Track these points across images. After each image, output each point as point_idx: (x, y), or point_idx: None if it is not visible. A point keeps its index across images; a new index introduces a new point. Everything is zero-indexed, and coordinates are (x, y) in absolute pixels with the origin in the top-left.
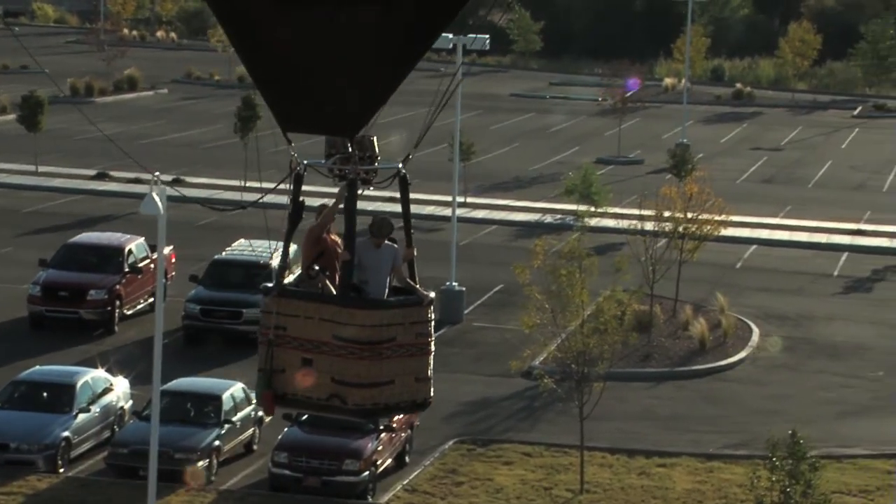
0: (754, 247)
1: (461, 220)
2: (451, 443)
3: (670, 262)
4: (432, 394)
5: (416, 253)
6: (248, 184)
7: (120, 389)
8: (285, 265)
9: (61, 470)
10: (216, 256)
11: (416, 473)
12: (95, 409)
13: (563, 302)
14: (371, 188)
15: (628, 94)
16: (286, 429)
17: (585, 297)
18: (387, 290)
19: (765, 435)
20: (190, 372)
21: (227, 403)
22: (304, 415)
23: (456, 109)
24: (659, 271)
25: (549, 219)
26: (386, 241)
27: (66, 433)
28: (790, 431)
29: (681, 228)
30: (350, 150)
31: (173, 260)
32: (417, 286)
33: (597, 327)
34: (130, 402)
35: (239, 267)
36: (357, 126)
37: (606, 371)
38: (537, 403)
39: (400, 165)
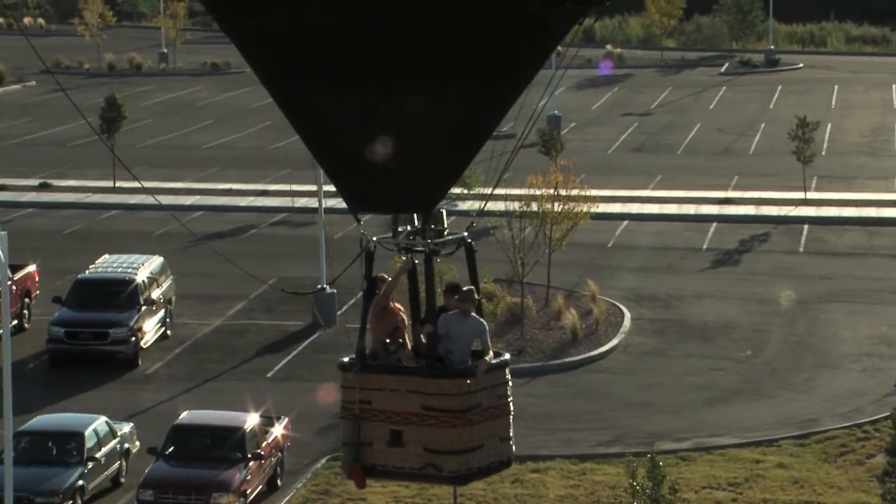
0: (626, 223)
1: (335, 211)
2: (324, 461)
3: (540, 249)
4: (514, 451)
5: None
6: (117, 184)
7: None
8: (363, 342)
9: None
10: (79, 276)
11: (287, 498)
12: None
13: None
14: (438, 259)
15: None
16: (151, 464)
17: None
18: (470, 360)
19: (636, 429)
20: (58, 398)
21: (89, 440)
22: (168, 447)
23: None
24: (528, 263)
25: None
26: (473, 314)
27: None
28: (649, 455)
29: (549, 211)
30: (422, 224)
31: (37, 278)
32: (491, 349)
33: None
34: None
35: (103, 285)
36: (432, 203)
37: None
38: None
39: (465, 234)
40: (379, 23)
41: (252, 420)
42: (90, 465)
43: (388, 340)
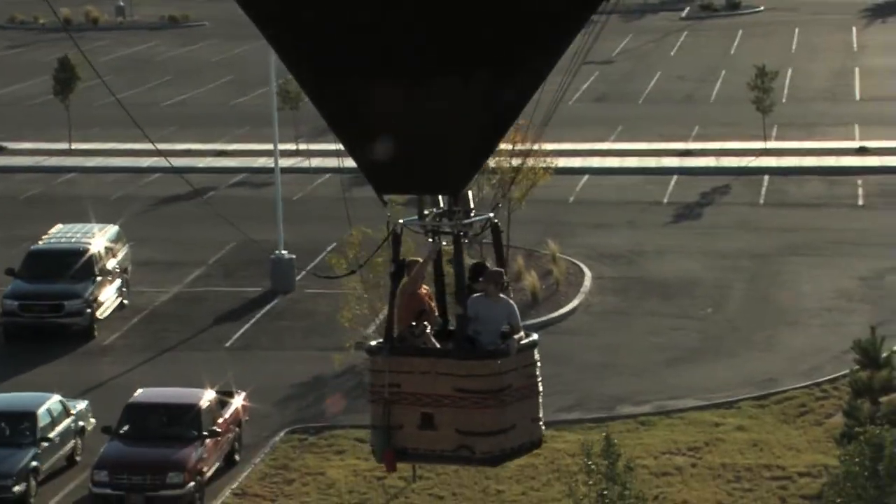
0: (586, 177)
1: (294, 170)
2: (282, 434)
3: (499, 208)
4: (544, 431)
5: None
6: (73, 146)
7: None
8: (392, 324)
9: None
10: (32, 247)
11: (245, 474)
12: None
13: (382, 292)
14: (466, 240)
15: None
16: (106, 444)
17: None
18: (499, 341)
19: (597, 392)
20: (13, 373)
21: (42, 419)
22: (123, 426)
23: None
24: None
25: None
26: (501, 295)
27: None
28: (604, 434)
29: (506, 170)
30: (450, 206)
31: None
32: (521, 329)
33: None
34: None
35: (57, 256)
36: (461, 185)
37: None
38: None
39: (492, 215)
40: (407, 10)
41: (208, 396)
42: (44, 445)
43: (414, 323)
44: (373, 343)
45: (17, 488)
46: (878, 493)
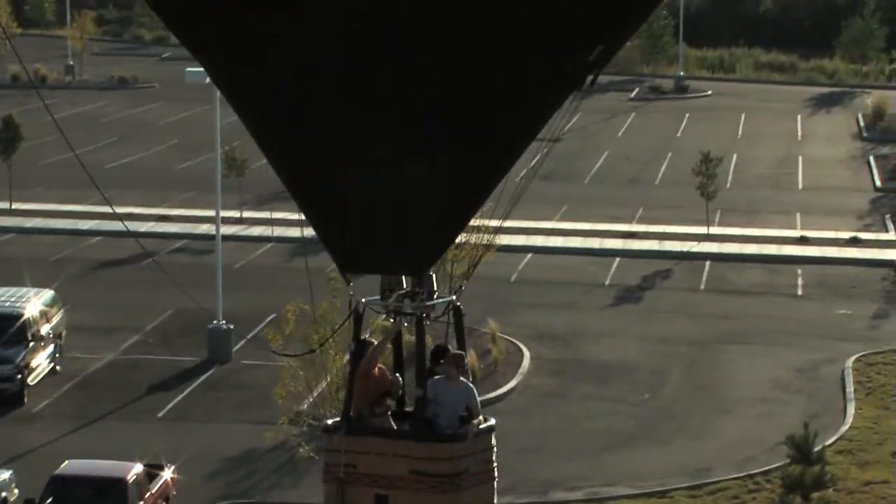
0: (530, 255)
1: (237, 238)
2: None
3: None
4: None
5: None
6: (14, 206)
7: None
8: (349, 405)
9: None
10: None
11: None
12: None
13: (317, 369)
14: (427, 322)
15: None
16: None
17: (339, 360)
18: (457, 424)
19: (530, 476)
20: None
21: None
22: (46, 500)
23: (214, 104)
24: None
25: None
26: (462, 378)
27: None
28: None
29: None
30: (413, 287)
31: None
32: (480, 414)
33: None
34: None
35: None
36: (426, 267)
37: None
38: (305, 451)
39: (454, 297)
40: (374, 91)
41: (135, 470)
42: None
43: (375, 404)
44: (329, 422)
45: None
46: None
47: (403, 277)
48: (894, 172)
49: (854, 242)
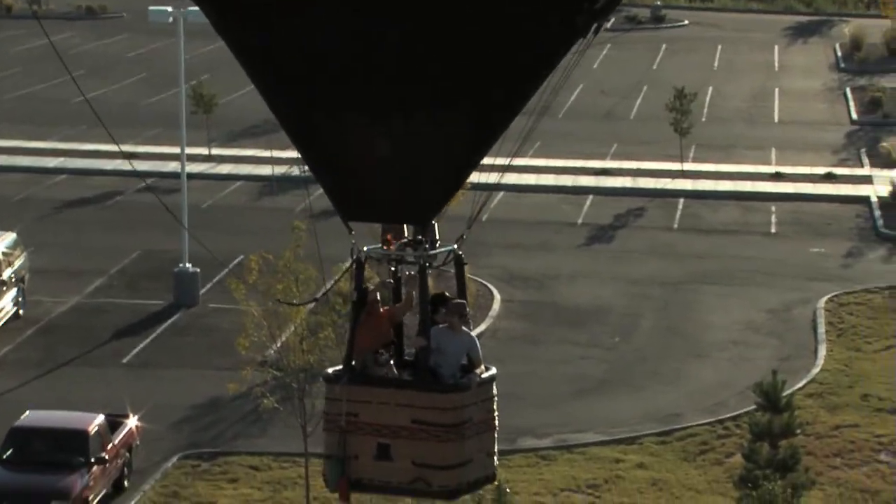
0: (502, 194)
1: (205, 176)
2: (174, 459)
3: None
4: (496, 466)
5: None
6: None
7: None
8: (351, 354)
9: None
10: None
11: (133, 502)
12: None
13: (280, 319)
14: (430, 271)
15: None
16: None
17: (303, 311)
18: (459, 373)
19: (500, 423)
20: None
21: None
22: (7, 451)
23: (178, 39)
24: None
25: (296, 170)
26: (463, 328)
27: None
28: (497, 484)
29: None
30: (416, 237)
31: None
32: (482, 363)
33: (315, 343)
34: None
35: None
36: (430, 216)
37: None
38: (270, 402)
39: (455, 247)
40: (380, 52)
41: (97, 421)
42: None
43: (380, 351)
44: (330, 371)
45: None
46: None
47: (406, 227)
48: (871, 105)
49: (829, 178)
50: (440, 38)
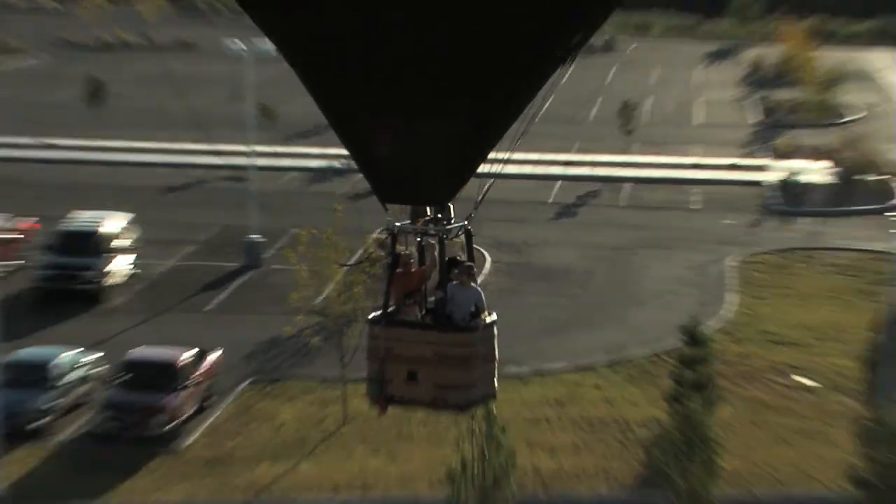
0: (492, 180)
1: (266, 168)
2: (246, 383)
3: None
4: (497, 387)
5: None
6: (101, 143)
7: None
8: (387, 303)
9: None
10: (58, 228)
11: (214, 416)
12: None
13: (323, 278)
14: (446, 241)
15: None
16: (108, 390)
17: (339, 272)
18: (468, 318)
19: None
20: (42, 326)
21: (58, 369)
22: (120, 377)
23: (249, 64)
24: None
25: (337, 164)
26: (472, 284)
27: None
28: (486, 409)
29: None
30: (436, 215)
31: (38, 228)
32: (486, 310)
33: (350, 296)
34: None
35: (83, 236)
36: (448, 199)
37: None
38: (316, 340)
39: (466, 223)
40: (408, 79)
41: (187, 354)
42: (60, 389)
43: (410, 299)
44: (372, 315)
45: (34, 425)
46: (689, 451)
47: (429, 208)
48: (768, 111)
49: (736, 167)
50: (459, 67)
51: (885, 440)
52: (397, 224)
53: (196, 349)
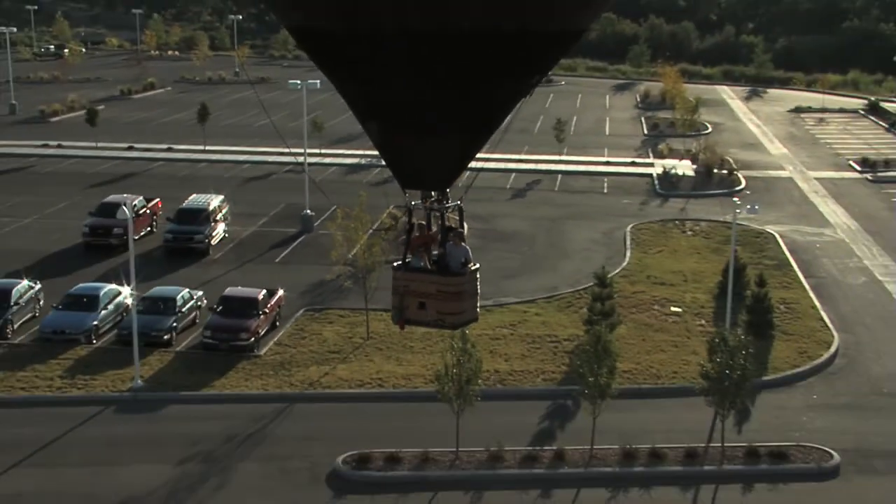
0: (467, 173)
1: (317, 164)
2: (301, 312)
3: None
4: (478, 313)
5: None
6: (206, 147)
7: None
8: (406, 255)
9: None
10: (181, 206)
11: (280, 333)
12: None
13: (352, 241)
14: (447, 213)
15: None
16: (209, 316)
17: (364, 236)
18: (460, 267)
19: None
20: (165, 272)
21: (179, 301)
22: (219, 307)
23: (303, 94)
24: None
25: (363, 161)
26: (462, 243)
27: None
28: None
29: None
30: (439, 197)
31: (160, 205)
32: (472, 261)
33: (371, 254)
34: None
35: (193, 212)
36: (448, 185)
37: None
38: (348, 283)
39: (459, 202)
40: (421, 107)
41: (263, 292)
42: (179, 314)
43: (423, 250)
44: (395, 263)
45: (167, 336)
46: (598, 358)
47: (434, 192)
48: (654, 127)
49: (633, 164)
50: (452, 107)
51: (724, 350)
52: (413, 202)
53: (268, 288)
